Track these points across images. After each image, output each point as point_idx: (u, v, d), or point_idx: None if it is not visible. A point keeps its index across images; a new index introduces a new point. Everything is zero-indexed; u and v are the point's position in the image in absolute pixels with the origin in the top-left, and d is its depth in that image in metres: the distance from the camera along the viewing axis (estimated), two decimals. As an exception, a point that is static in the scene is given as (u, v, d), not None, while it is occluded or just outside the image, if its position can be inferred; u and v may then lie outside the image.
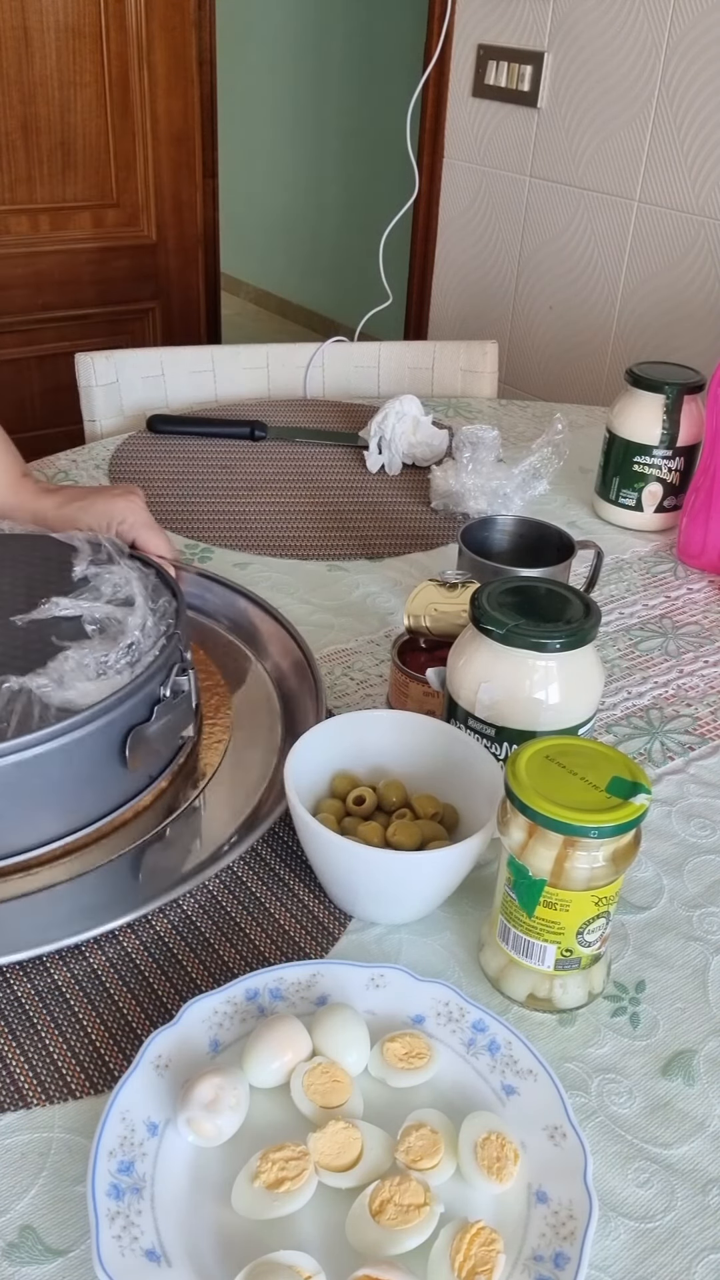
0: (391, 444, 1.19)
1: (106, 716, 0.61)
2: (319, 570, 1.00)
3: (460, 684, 0.66)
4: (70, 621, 0.68)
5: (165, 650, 0.66)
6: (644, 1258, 0.48)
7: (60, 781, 0.60)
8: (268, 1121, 0.51)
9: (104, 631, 0.67)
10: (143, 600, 0.69)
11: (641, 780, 0.54)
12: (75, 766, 0.60)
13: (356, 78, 3.87)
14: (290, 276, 4.55)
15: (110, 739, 0.61)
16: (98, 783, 0.63)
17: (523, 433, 1.32)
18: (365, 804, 0.65)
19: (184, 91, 2.13)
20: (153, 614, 0.68)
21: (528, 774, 0.54)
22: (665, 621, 0.96)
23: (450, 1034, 0.54)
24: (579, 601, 0.66)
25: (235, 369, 1.45)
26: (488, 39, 2.03)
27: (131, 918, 0.58)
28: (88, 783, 0.62)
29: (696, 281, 1.79)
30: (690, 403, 1.05)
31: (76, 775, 0.61)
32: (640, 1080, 0.56)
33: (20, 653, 0.65)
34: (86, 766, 0.61)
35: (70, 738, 0.59)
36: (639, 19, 1.75)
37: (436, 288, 2.32)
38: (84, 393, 1.36)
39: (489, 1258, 0.44)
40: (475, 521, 0.88)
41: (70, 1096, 0.53)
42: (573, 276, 2.00)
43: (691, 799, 0.75)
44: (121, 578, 0.72)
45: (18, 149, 1.99)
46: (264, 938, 0.62)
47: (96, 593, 0.71)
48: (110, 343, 2.20)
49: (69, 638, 0.66)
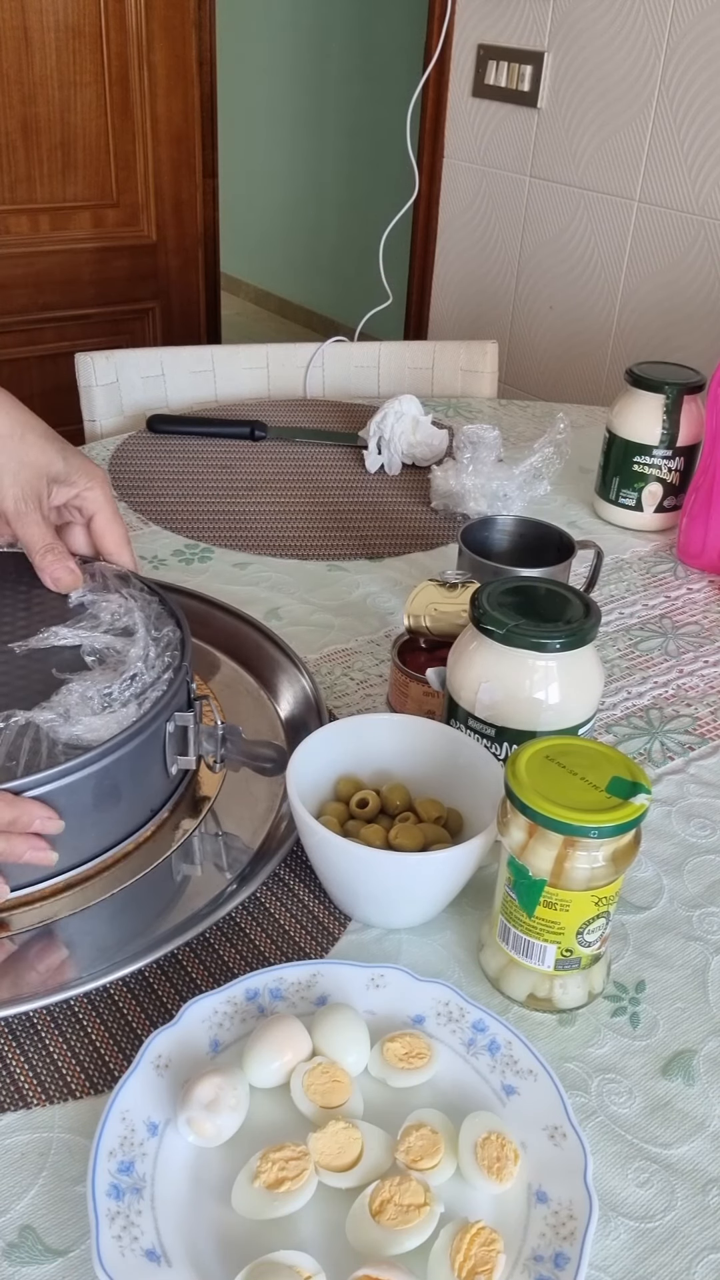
0: (391, 444, 1.19)
1: (116, 754, 0.60)
2: (319, 570, 1.00)
3: (460, 684, 0.66)
4: (70, 650, 0.67)
5: (173, 685, 0.65)
6: (644, 1258, 0.48)
7: (67, 817, 0.59)
8: (268, 1121, 0.51)
9: (103, 662, 0.66)
10: (144, 630, 0.68)
11: (641, 780, 0.54)
12: (81, 802, 0.60)
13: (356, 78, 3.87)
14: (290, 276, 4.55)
15: (117, 775, 0.61)
16: (102, 818, 0.62)
17: (523, 433, 1.32)
18: (368, 807, 0.65)
19: (184, 91, 2.13)
20: (155, 644, 0.68)
21: (528, 774, 0.54)
22: (665, 621, 0.96)
23: (450, 1034, 0.54)
24: (579, 601, 0.66)
25: (235, 369, 1.45)
26: (488, 39, 2.03)
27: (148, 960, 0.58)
28: (92, 818, 0.61)
29: (696, 281, 1.79)
30: (690, 403, 1.05)
31: (81, 810, 0.60)
32: (640, 1080, 0.56)
33: (22, 684, 0.64)
34: (91, 802, 0.61)
35: (81, 775, 0.59)
36: (639, 19, 1.75)
37: (436, 288, 2.32)
38: (84, 393, 1.36)
39: (489, 1258, 0.44)
40: (475, 521, 0.88)
41: (70, 1096, 0.53)
42: (573, 276, 2.00)
43: (691, 799, 0.75)
44: (120, 606, 0.71)
45: (18, 149, 1.99)
46: (264, 938, 0.62)
47: (95, 620, 0.70)
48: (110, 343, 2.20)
49: (69, 669, 0.65)
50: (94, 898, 0.62)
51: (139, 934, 0.60)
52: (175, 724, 0.65)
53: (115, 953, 0.58)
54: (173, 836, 0.67)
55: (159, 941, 0.58)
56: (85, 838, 0.61)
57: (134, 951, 0.58)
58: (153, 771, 0.65)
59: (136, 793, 0.64)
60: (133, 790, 0.64)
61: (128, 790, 0.63)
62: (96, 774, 0.60)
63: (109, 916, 0.61)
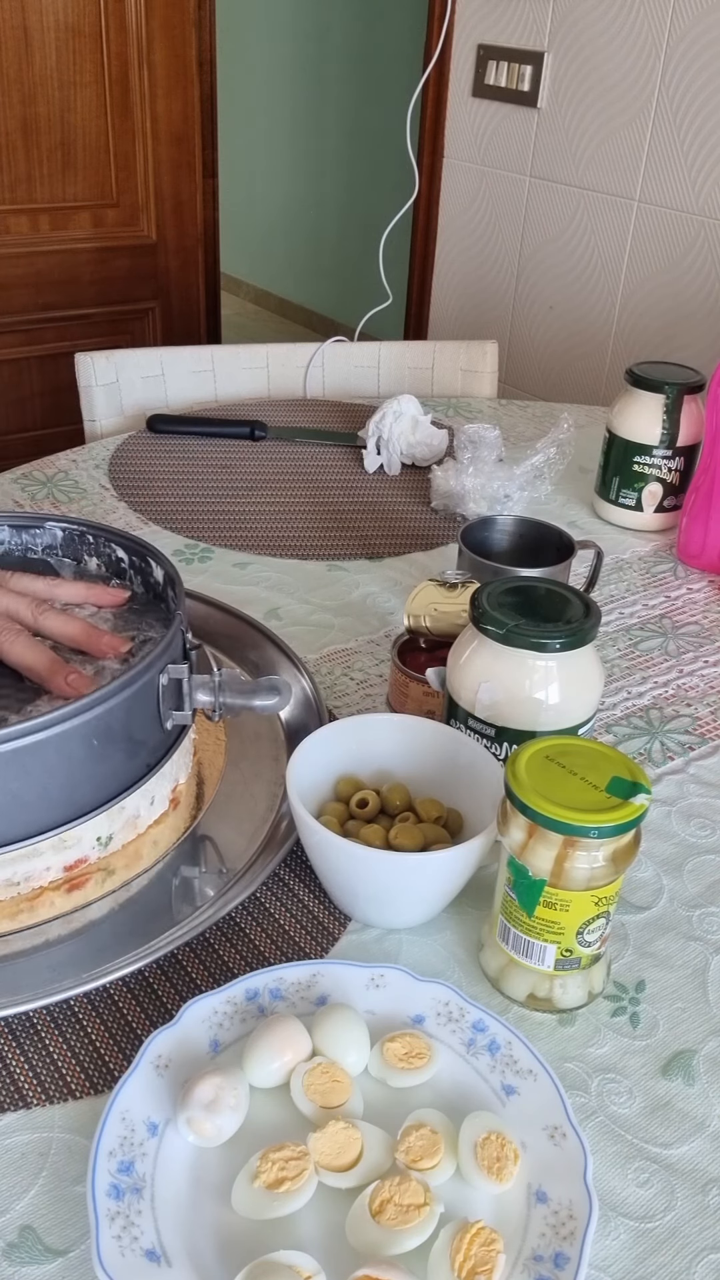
0: (390, 444, 1.19)
1: (108, 703, 0.59)
2: (319, 570, 1.00)
3: (460, 684, 0.66)
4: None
5: (169, 634, 0.64)
6: (644, 1258, 0.48)
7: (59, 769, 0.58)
8: (268, 1121, 0.51)
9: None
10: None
11: (641, 780, 0.54)
12: (74, 753, 0.59)
13: (356, 78, 3.87)
14: (290, 276, 4.55)
15: (111, 724, 0.60)
16: (96, 771, 0.61)
17: (523, 433, 1.32)
18: (368, 807, 0.65)
19: (184, 91, 2.13)
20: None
21: (528, 774, 0.54)
22: (665, 621, 0.96)
23: (450, 1034, 0.54)
24: (579, 601, 0.66)
25: (235, 369, 1.45)
26: (488, 39, 2.03)
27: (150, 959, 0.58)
28: (85, 771, 0.60)
29: (696, 281, 1.79)
30: (690, 403, 1.05)
31: (74, 763, 0.59)
32: (640, 1080, 0.56)
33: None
34: (83, 754, 0.59)
35: (73, 723, 0.58)
36: (639, 19, 1.76)
37: (436, 288, 2.32)
38: (84, 393, 1.36)
39: (489, 1258, 0.44)
40: (475, 521, 0.88)
41: (70, 1096, 0.53)
42: (573, 276, 2.00)
43: (691, 799, 0.75)
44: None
45: (18, 149, 1.99)
46: (264, 938, 0.62)
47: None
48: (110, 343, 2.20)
49: None
50: (94, 897, 0.62)
51: (139, 934, 0.60)
52: (169, 676, 0.64)
53: (115, 953, 0.58)
54: (173, 836, 0.67)
55: (159, 942, 0.58)
56: (79, 791, 0.60)
57: (134, 951, 0.58)
58: (147, 726, 0.64)
59: (130, 747, 0.63)
60: (126, 744, 0.62)
61: (121, 743, 0.62)
62: (90, 723, 0.58)
63: (109, 916, 0.61)
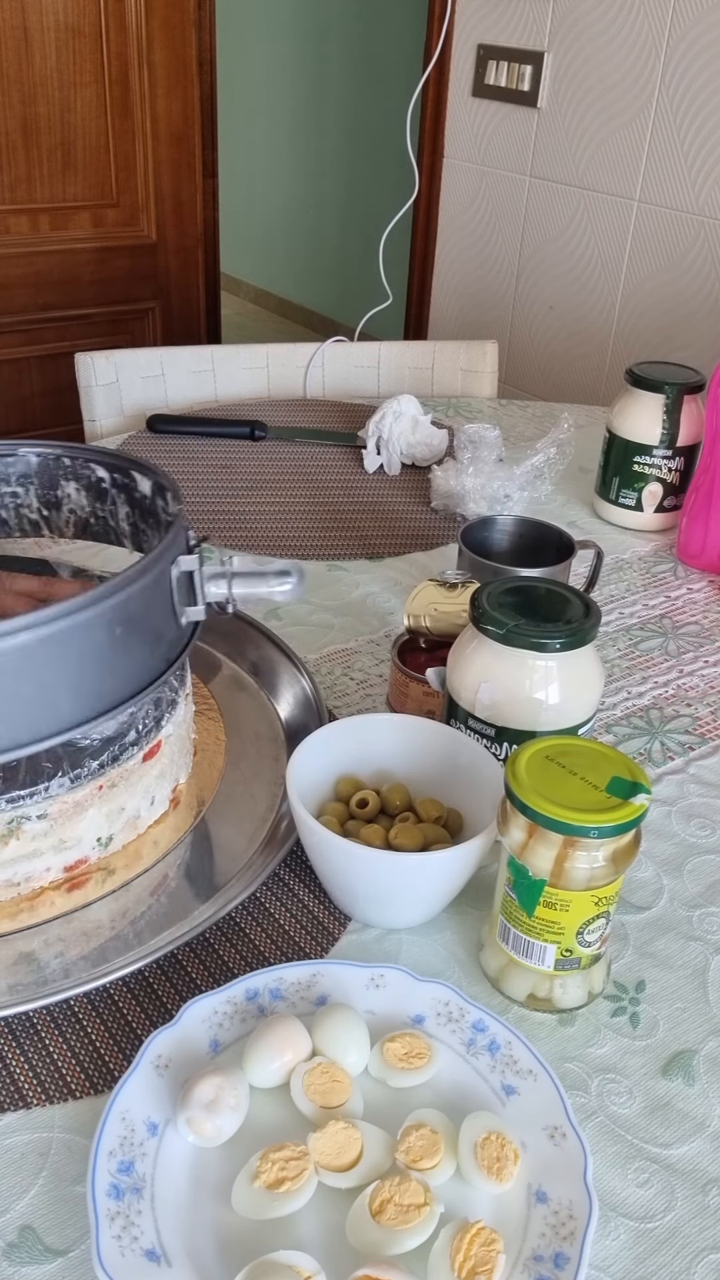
0: (389, 444, 1.19)
1: (125, 591, 0.58)
2: (319, 570, 1.00)
3: (460, 684, 0.66)
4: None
5: (172, 529, 0.63)
6: (644, 1258, 0.48)
7: (80, 661, 0.57)
8: (268, 1121, 0.51)
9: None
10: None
11: (641, 780, 0.54)
12: (95, 642, 0.58)
13: (356, 78, 3.87)
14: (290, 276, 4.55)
15: (130, 613, 0.59)
16: (118, 663, 0.60)
17: (523, 433, 1.32)
18: (368, 807, 0.65)
19: (184, 91, 2.13)
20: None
21: (528, 774, 0.54)
22: (665, 621, 0.96)
23: (450, 1034, 0.54)
24: (579, 601, 0.66)
25: (235, 369, 1.45)
26: (488, 39, 2.03)
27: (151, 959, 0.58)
28: (107, 662, 0.59)
29: (696, 281, 1.79)
30: (690, 403, 1.05)
31: (96, 653, 0.58)
32: (640, 1080, 0.56)
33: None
34: (106, 642, 0.58)
35: (95, 610, 0.57)
36: (639, 19, 1.76)
37: (436, 288, 2.32)
38: (84, 393, 1.36)
39: (489, 1258, 0.44)
40: (475, 521, 0.88)
41: (70, 1096, 0.53)
42: (573, 276, 2.00)
43: (691, 799, 0.75)
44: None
45: (18, 149, 1.99)
46: (264, 938, 0.62)
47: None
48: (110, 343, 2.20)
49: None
50: (94, 897, 0.62)
51: (139, 934, 0.60)
52: (180, 569, 0.63)
53: (115, 953, 0.58)
54: (173, 836, 0.67)
55: (159, 941, 0.58)
56: (106, 683, 0.59)
57: (134, 951, 0.58)
58: (164, 619, 0.63)
59: (150, 640, 0.62)
60: (147, 636, 0.61)
61: (142, 634, 0.60)
62: (112, 610, 0.57)
63: (109, 916, 0.61)
